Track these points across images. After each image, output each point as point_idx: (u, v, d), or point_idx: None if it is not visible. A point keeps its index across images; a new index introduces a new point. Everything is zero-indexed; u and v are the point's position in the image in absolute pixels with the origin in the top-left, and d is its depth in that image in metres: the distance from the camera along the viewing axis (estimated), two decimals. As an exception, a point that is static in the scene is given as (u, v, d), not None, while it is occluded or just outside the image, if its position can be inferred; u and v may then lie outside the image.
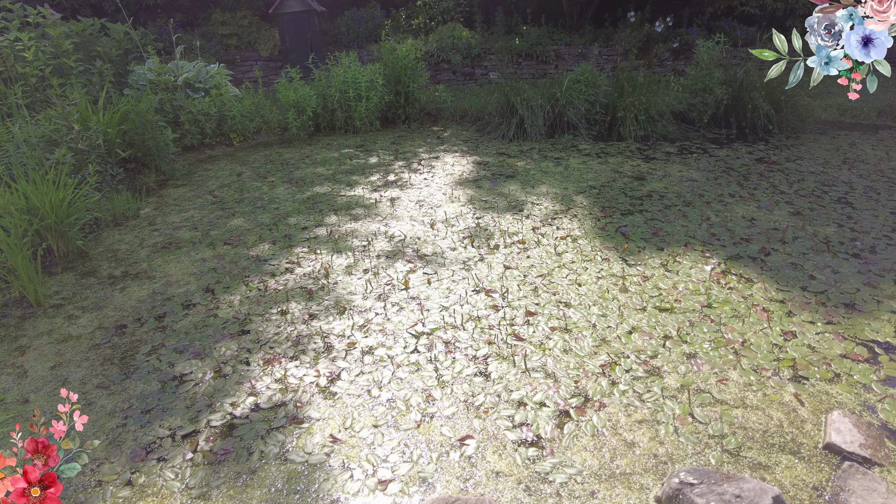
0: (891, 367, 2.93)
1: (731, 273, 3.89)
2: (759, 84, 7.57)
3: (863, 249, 4.21)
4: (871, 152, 6.61)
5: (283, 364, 3.13)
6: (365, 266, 4.19)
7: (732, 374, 2.89)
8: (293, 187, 6.07)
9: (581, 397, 2.74)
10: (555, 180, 5.95)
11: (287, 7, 11.15)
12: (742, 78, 7.67)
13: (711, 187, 5.55)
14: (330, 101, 8.26)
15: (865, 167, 6.08)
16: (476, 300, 3.64)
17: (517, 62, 11.17)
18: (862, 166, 6.11)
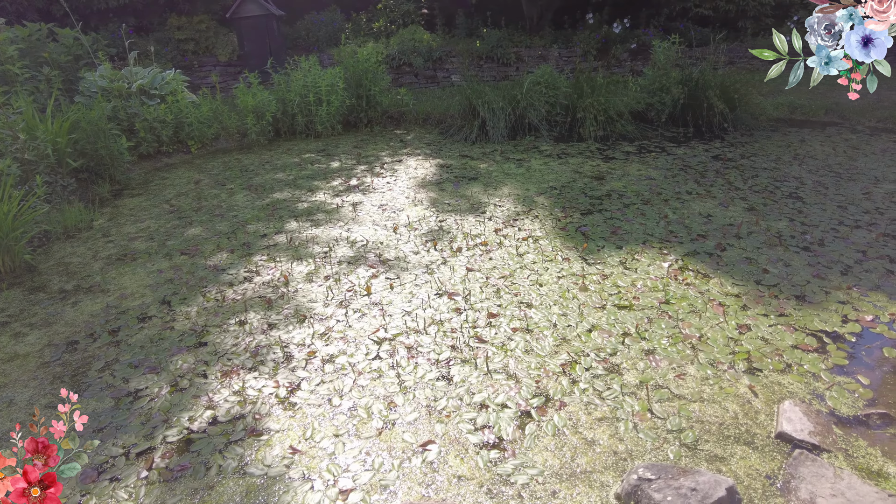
0: (838, 356, 3.03)
1: (688, 269, 3.97)
2: (714, 83, 7.76)
3: (812, 242, 4.35)
4: (819, 148, 6.84)
5: (241, 376, 3.07)
6: (326, 273, 4.14)
7: (690, 369, 2.95)
8: (252, 194, 5.97)
9: (542, 397, 2.76)
10: (517, 182, 5.99)
11: (245, 11, 10.99)
12: (697, 77, 7.86)
13: (669, 185, 5.66)
14: (290, 105, 8.16)
15: (814, 163, 6.29)
16: (439, 304, 3.63)
17: (479, 64, 11.23)
18: (811, 162, 6.32)
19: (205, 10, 12.30)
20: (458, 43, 11.49)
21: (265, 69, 9.26)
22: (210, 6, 12.43)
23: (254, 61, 10.98)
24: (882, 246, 4.24)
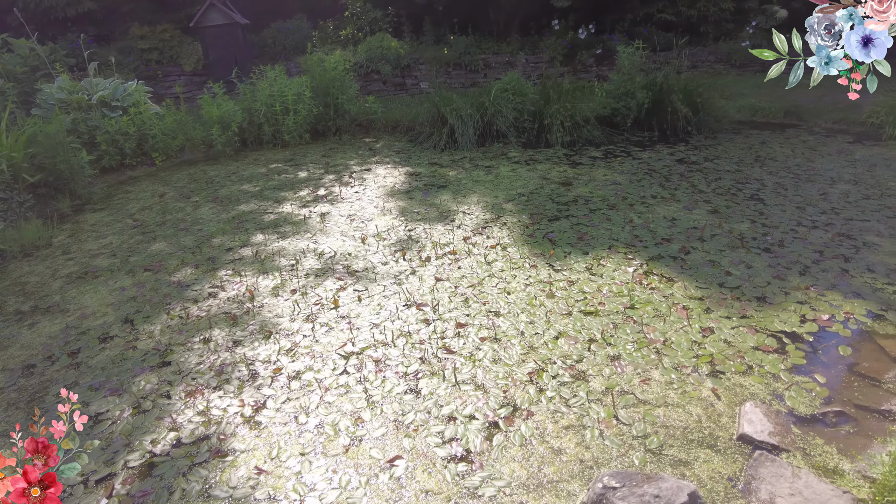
0: (797, 356, 3.10)
1: (652, 273, 4.03)
2: (678, 87, 7.92)
3: (773, 244, 4.46)
4: (779, 150, 7.03)
5: (205, 395, 3.01)
6: (292, 286, 4.09)
7: (654, 374, 2.99)
8: (218, 206, 5.88)
9: (510, 407, 2.77)
10: (485, 189, 6.01)
11: (209, 20, 10.85)
12: (662, 82, 8.01)
13: (635, 189, 5.75)
14: (256, 115, 8.07)
15: (775, 164, 6.45)
16: (407, 315, 3.62)
17: (447, 71, 11.27)
18: (772, 163, 6.48)
19: (168, 19, 12.10)
20: (426, 50, 11.52)
21: (231, 79, 9.15)
22: (174, 15, 12.24)
23: (219, 71, 10.84)
24: (837, 246, 4.37)
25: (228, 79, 9.40)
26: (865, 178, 5.87)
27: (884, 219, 4.83)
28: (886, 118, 7.44)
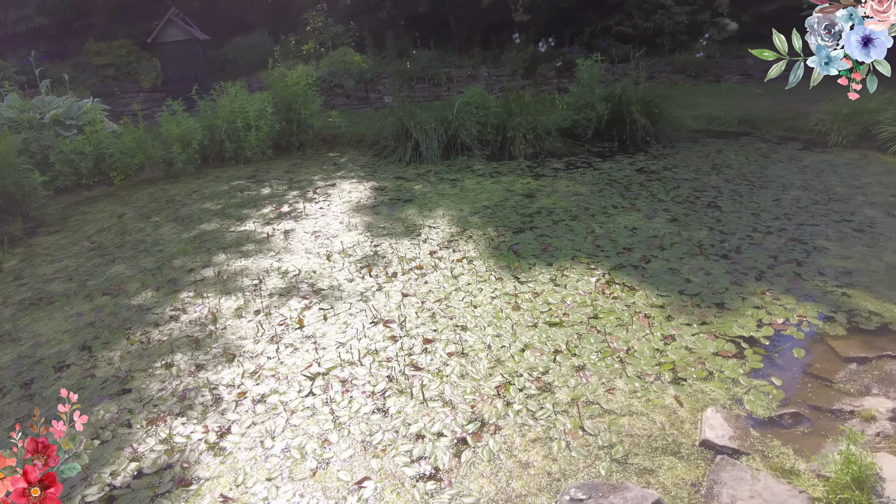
0: (754, 360, 3.20)
1: (615, 283, 4.10)
2: (636, 98, 8.11)
3: (730, 250, 4.59)
4: (734, 158, 7.26)
5: (168, 422, 2.94)
6: (256, 307, 4.03)
7: (619, 383, 3.04)
8: (179, 226, 5.77)
9: (477, 422, 2.78)
10: (451, 202, 6.05)
11: (167, 36, 10.69)
12: (620, 93, 8.20)
13: (596, 200, 5.86)
14: (217, 132, 7.97)
15: (731, 172, 6.66)
16: (374, 333, 3.61)
17: (411, 85, 11.32)
18: (728, 171, 6.69)
19: (125, 35, 11.87)
20: (390, 64, 11.56)
21: (191, 95, 9.01)
22: (131, 30, 12.01)
23: (179, 87, 10.67)
24: (790, 250, 4.53)
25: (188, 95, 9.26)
26: (814, 183, 6.11)
27: (832, 223, 5.03)
28: (832, 126, 7.75)
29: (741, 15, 11.94)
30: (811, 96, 10.06)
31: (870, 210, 5.29)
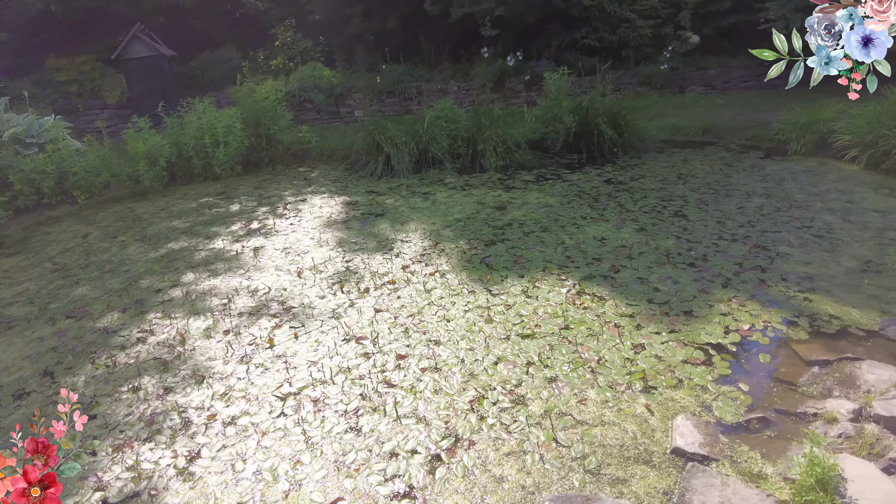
0: (722, 367, 3.26)
1: (585, 293, 4.15)
2: (603, 111, 8.26)
3: (697, 258, 4.69)
4: (699, 167, 7.43)
5: (135, 448, 2.86)
6: (225, 327, 3.97)
7: (591, 393, 3.06)
8: (146, 245, 5.66)
9: (452, 438, 2.77)
10: (423, 216, 6.06)
11: (132, 52, 10.54)
12: (587, 106, 8.34)
13: (566, 211, 5.93)
14: (185, 148, 7.86)
15: (696, 181, 6.81)
16: (346, 350, 3.58)
17: (381, 99, 11.35)
18: (693, 180, 6.84)
19: (88, 51, 11.67)
20: (360, 79, 11.58)
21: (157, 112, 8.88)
22: (95, 46, 11.81)
23: (145, 103, 10.51)
24: (755, 257, 4.64)
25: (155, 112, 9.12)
26: (776, 191, 6.29)
27: (793, 229, 5.18)
28: (791, 135, 8.01)
29: (702, 28, 12.30)
30: (771, 106, 10.40)
31: (828, 216, 5.46)
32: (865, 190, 6.20)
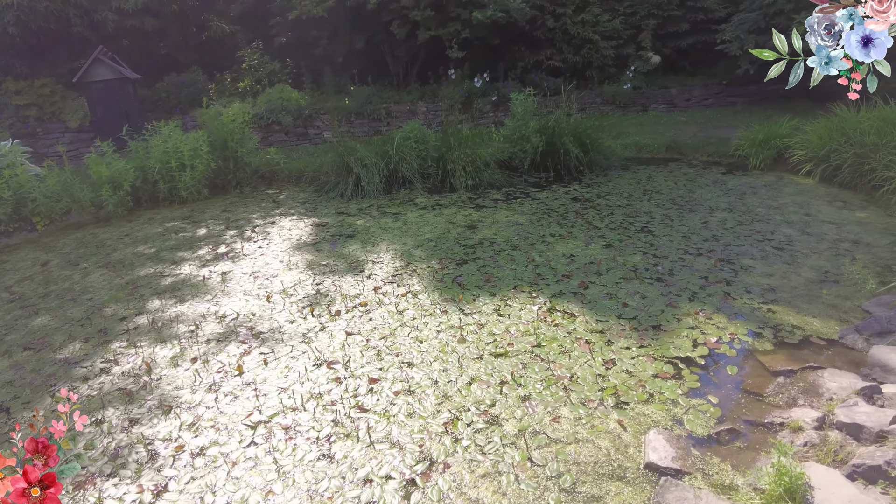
0: (692, 380, 3.31)
1: (556, 310, 4.19)
2: (569, 130, 8.42)
3: (664, 273, 4.78)
4: (664, 183, 7.61)
5: (98, 485, 2.76)
6: (193, 354, 3.88)
7: (564, 411, 3.08)
8: (110, 272, 5.51)
9: (426, 462, 2.74)
10: (394, 236, 6.05)
11: (95, 75, 10.37)
12: (553, 125, 8.49)
13: (535, 229, 6.00)
14: (151, 172, 7.73)
15: (661, 197, 6.97)
16: (317, 375, 3.52)
17: (350, 121, 11.37)
18: (658, 196, 7.00)
19: (48, 73, 11.43)
20: (328, 100, 11.59)
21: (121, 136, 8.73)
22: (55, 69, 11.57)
23: (108, 127, 10.32)
24: (720, 271, 4.76)
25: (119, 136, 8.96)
26: (738, 205, 6.48)
27: (755, 242, 5.33)
28: (750, 150, 8.28)
29: (662, 48, 12.69)
30: (730, 123, 10.74)
31: (787, 229, 5.64)
32: (821, 203, 6.43)
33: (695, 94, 12.60)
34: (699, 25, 12.41)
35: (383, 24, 11.22)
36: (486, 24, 11.02)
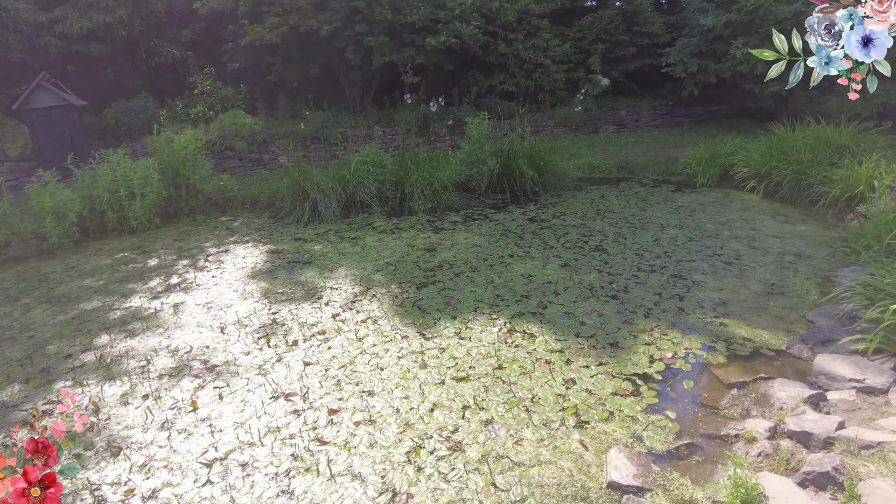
0: (650, 396, 3.37)
1: (516, 331, 4.21)
2: (523, 152, 8.58)
3: (619, 290, 4.88)
4: (616, 202, 7.82)
5: (39, 536, 2.59)
6: (144, 391, 3.72)
7: (526, 433, 3.08)
8: (54, 307, 5.27)
9: (389, 493, 2.69)
10: (353, 261, 6.00)
11: (37, 102, 10.01)
12: (508, 148, 8.64)
13: (493, 250, 6.05)
14: (98, 202, 7.46)
15: (614, 216, 7.15)
16: (275, 408, 3.43)
17: (305, 146, 11.29)
18: (611, 215, 7.17)
19: (-14, 102, 10.97)
20: (283, 125, 11.49)
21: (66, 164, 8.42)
22: (-7, 97, 11.12)
23: (51, 156, 9.94)
24: (672, 286, 4.89)
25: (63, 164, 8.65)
26: (688, 222, 6.70)
27: (706, 258, 5.51)
28: (698, 168, 8.62)
29: (611, 72, 13.13)
30: (677, 142, 11.16)
31: (735, 244, 5.86)
32: (765, 217, 6.72)
33: (643, 116, 13.05)
34: (645, 49, 12.92)
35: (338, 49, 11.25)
36: (440, 49, 11.19)
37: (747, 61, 10.09)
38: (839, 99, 11.34)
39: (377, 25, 10.81)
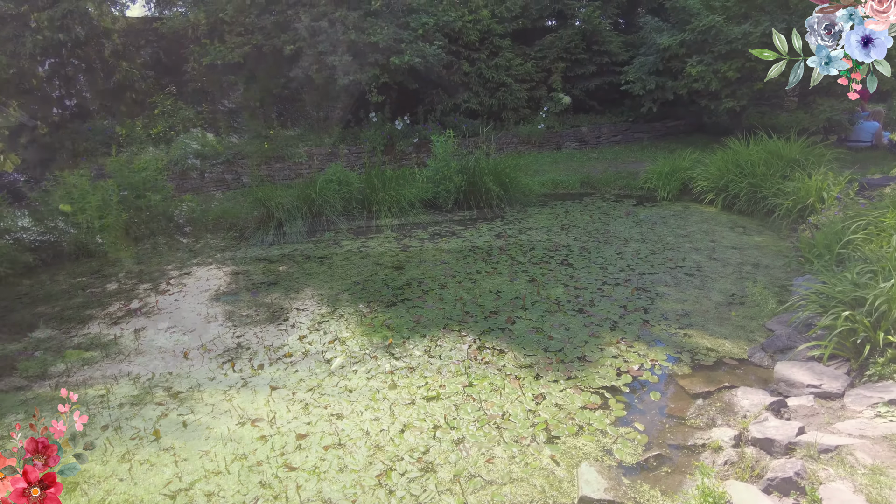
0: (618, 409, 3.41)
1: (485, 347, 4.22)
2: (488, 169, 8.67)
3: (585, 304, 4.94)
4: (580, 217, 7.95)
5: (-11, 581, 2.45)
6: (103, 422, 3.58)
7: (498, 451, 3.07)
8: (4, 336, 5.05)
9: (360, 517, 2.64)
10: (320, 281, 5.94)
11: (-13, 124, 9.67)
12: (474, 165, 8.72)
13: (461, 267, 6.07)
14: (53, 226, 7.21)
15: (578, 230, 7.26)
16: (241, 434, 3.34)
17: (270, 164, 11.18)
18: (575, 230, 7.29)
19: (-68, 125, 10.55)
20: (247, 145, 11.36)
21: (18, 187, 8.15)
22: (-60, 120, 10.71)
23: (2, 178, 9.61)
24: (637, 299, 4.98)
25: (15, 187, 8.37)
26: (650, 235, 6.85)
27: (668, 270, 5.64)
28: (658, 182, 8.84)
29: (572, 90, 13.42)
30: (637, 158, 11.44)
31: (696, 255, 6.01)
32: (724, 229, 6.92)
33: (604, 132, 13.35)
34: (605, 68, 13.26)
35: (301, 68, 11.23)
36: (404, 69, 11.27)
37: (702, 79, 10.45)
38: (788, 115, 11.85)
39: (341, 45, 10.84)
